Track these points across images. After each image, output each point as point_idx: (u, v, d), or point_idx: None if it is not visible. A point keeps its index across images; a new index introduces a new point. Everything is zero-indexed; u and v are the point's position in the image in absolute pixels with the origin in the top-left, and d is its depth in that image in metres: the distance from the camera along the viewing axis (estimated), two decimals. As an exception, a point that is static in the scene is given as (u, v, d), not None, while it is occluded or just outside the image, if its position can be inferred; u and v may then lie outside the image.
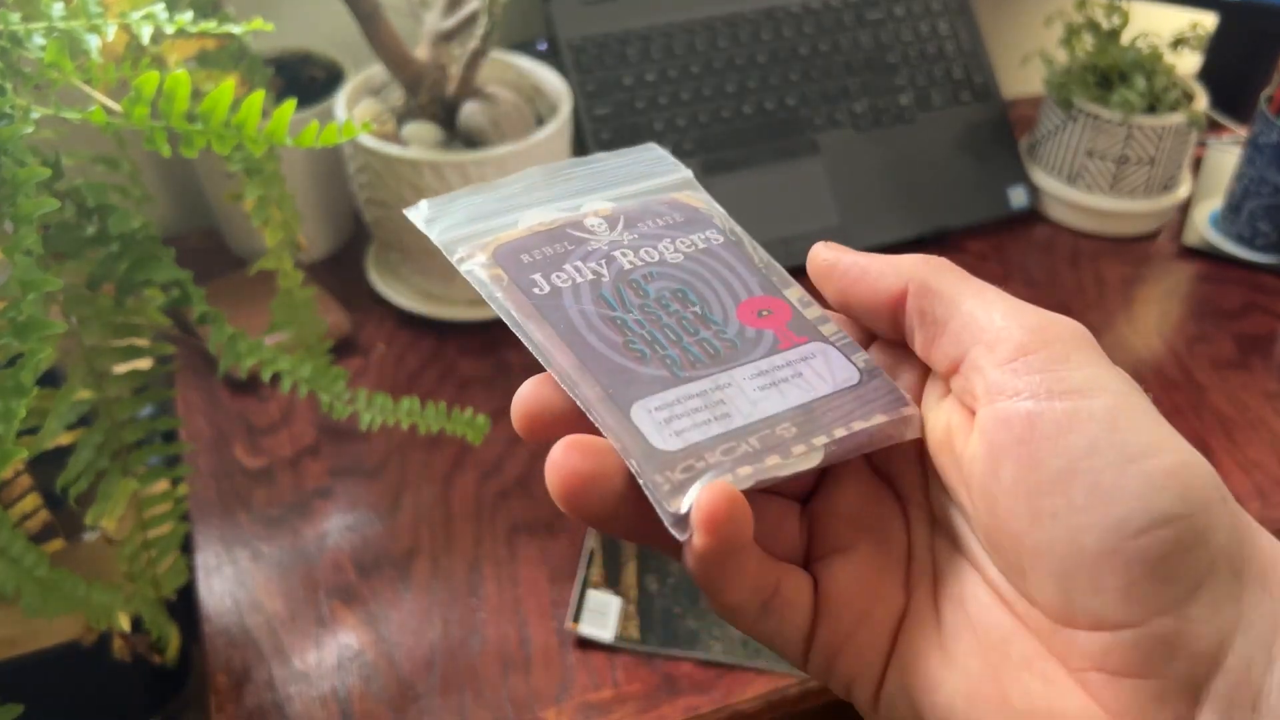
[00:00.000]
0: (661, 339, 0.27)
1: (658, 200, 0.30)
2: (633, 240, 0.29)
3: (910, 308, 0.27)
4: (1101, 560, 0.22)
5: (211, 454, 0.66)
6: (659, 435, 0.25)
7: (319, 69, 0.79)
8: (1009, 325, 0.25)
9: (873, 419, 0.27)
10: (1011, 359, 0.24)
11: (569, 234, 0.29)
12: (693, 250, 0.29)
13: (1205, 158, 0.96)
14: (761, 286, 0.29)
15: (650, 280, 0.28)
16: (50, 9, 0.44)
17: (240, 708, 0.52)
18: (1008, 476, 0.24)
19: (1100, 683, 0.23)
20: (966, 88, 0.89)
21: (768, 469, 0.25)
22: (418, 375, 0.72)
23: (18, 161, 0.42)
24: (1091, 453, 0.22)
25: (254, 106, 0.42)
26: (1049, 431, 0.23)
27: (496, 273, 0.27)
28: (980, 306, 0.25)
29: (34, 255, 0.41)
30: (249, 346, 0.51)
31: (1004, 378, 0.24)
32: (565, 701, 0.52)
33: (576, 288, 0.27)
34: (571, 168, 0.31)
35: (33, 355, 0.39)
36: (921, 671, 0.26)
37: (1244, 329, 0.79)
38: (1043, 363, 0.24)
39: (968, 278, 0.27)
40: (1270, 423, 0.71)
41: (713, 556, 0.24)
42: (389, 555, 0.60)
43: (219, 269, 0.79)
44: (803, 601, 0.27)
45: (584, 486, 0.25)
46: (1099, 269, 0.85)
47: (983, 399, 0.24)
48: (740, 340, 0.27)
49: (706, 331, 0.27)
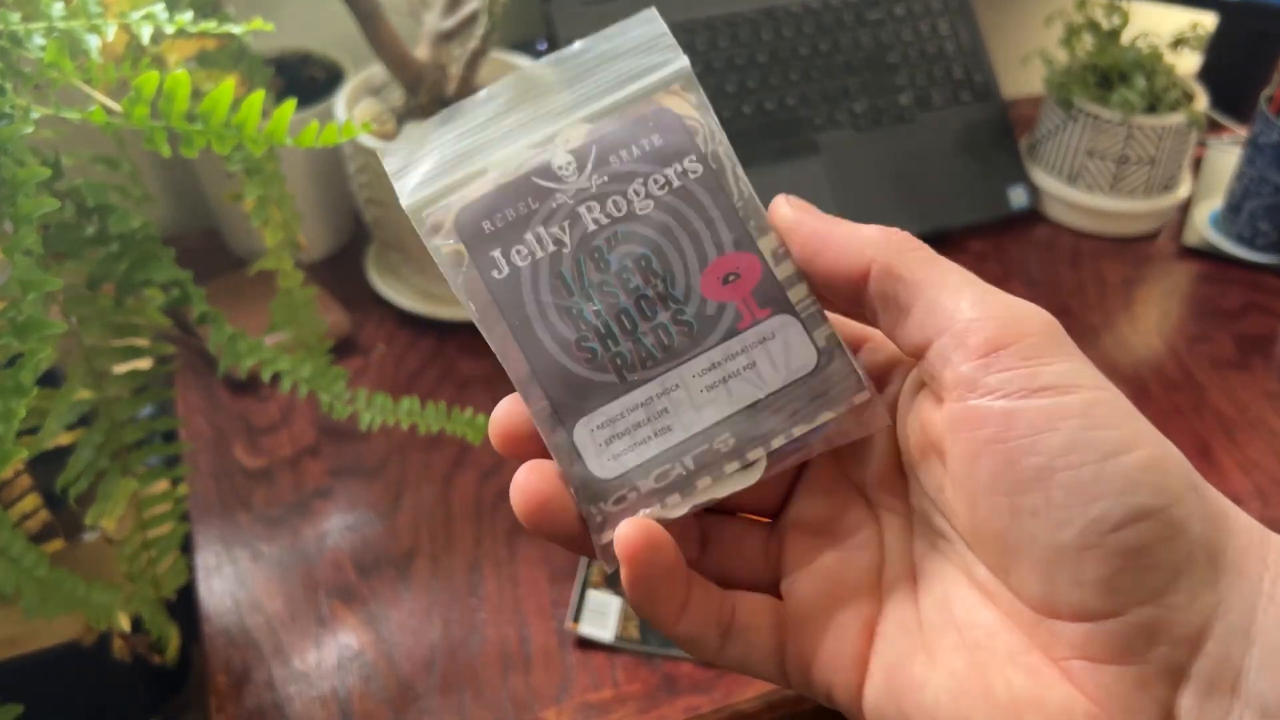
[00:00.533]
0: (616, 330, 0.27)
1: (639, 115, 0.28)
2: (601, 186, 0.27)
3: (873, 290, 0.26)
4: (1082, 554, 0.23)
5: (211, 454, 0.66)
6: (597, 460, 0.27)
7: (319, 69, 0.79)
8: (977, 316, 0.24)
9: (818, 418, 0.27)
10: (982, 354, 0.24)
11: (535, 185, 0.27)
12: (665, 193, 0.27)
13: (1205, 158, 0.96)
14: (734, 239, 0.27)
15: (614, 245, 0.27)
16: (50, 9, 0.44)
17: (240, 708, 0.52)
18: (985, 474, 0.24)
19: (1083, 670, 0.23)
20: (966, 87, 0.89)
21: (699, 494, 0.27)
22: (418, 375, 0.72)
23: (17, 161, 0.42)
24: (1069, 450, 0.23)
25: (254, 107, 0.42)
26: (1025, 430, 0.23)
27: (458, 250, 0.27)
28: (946, 293, 0.25)
29: (34, 255, 0.41)
30: (249, 346, 0.51)
31: (976, 373, 0.24)
32: (565, 701, 0.52)
33: (535, 267, 0.27)
34: (556, 67, 0.28)
35: (32, 355, 0.39)
36: (906, 673, 0.26)
37: (1244, 329, 0.79)
38: (1015, 359, 0.24)
39: (932, 259, 0.26)
40: (1270, 423, 0.71)
41: (639, 585, 0.26)
42: (389, 555, 0.60)
43: (219, 269, 0.79)
44: (764, 623, 0.28)
45: (544, 508, 0.27)
46: (1099, 269, 0.85)
47: (953, 393, 0.24)
48: (699, 321, 0.27)
49: (664, 314, 0.27)
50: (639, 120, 0.27)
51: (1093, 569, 0.23)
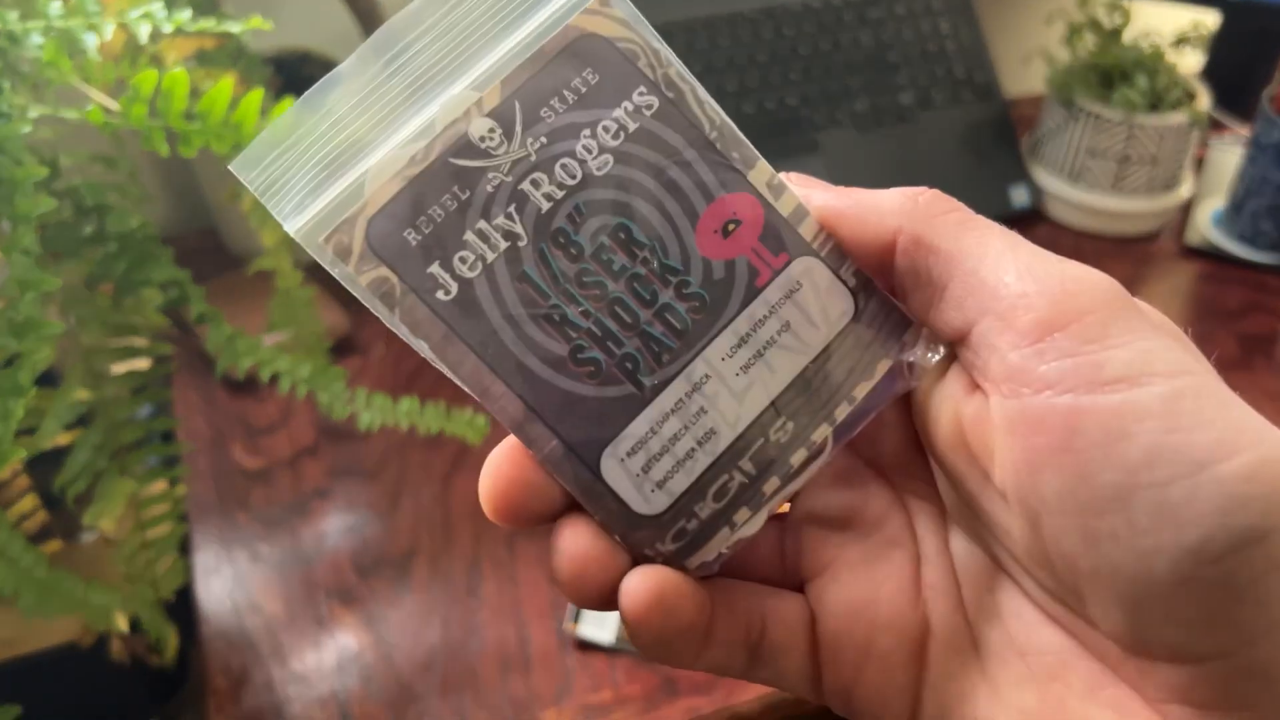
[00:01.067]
0: (614, 329, 0.21)
1: (558, 50, 0.22)
2: (541, 150, 0.21)
3: (900, 264, 0.22)
4: (1178, 589, 0.18)
5: (210, 454, 0.66)
6: (639, 495, 0.21)
7: (318, 67, 0.79)
8: (1026, 291, 0.20)
9: (876, 370, 0.23)
10: (1035, 338, 0.20)
11: (456, 169, 0.21)
12: (622, 141, 0.22)
13: (1207, 157, 0.96)
14: (720, 179, 0.22)
15: (580, 221, 0.21)
16: (48, 8, 0.44)
17: (239, 709, 0.52)
18: (1051, 491, 0.19)
19: (1185, 717, 0.19)
20: (968, 87, 0.89)
21: (770, 499, 0.22)
22: (416, 375, 0.72)
23: (15, 161, 0.42)
24: (1152, 462, 0.18)
25: (252, 105, 0.42)
26: (1096, 438, 0.19)
27: (382, 275, 0.21)
28: (987, 264, 0.21)
29: (32, 255, 0.41)
30: (247, 346, 0.51)
31: (1028, 362, 0.20)
32: (565, 703, 0.52)
33: (491, 273, 0.21)
34: (407, 29, 0.21)
35: (30, 355, 0.39)
36: (966, 710, 0.22)
37: (1246, 329, 0.79)
38: (1074, 342, 0.19)
39: (969, 221, 0.22)
40: (1273, 422, 0.70)
41: (653, 648, 0.21)
42: (388, 556, 0.60)
43: (218, 268, 0.79)
44: (795, 643, 0.23)
45: (599, 579, 0.22)
46: (1100, 268, 0.84)
47: (1002, 386, 0.20)
48: (709, 290, 0.22)
49: (666, 292, 0.22)
50: (561, 57, 0.22)
51: (1191, 606, 0.18)
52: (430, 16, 0.21)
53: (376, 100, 0.21)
